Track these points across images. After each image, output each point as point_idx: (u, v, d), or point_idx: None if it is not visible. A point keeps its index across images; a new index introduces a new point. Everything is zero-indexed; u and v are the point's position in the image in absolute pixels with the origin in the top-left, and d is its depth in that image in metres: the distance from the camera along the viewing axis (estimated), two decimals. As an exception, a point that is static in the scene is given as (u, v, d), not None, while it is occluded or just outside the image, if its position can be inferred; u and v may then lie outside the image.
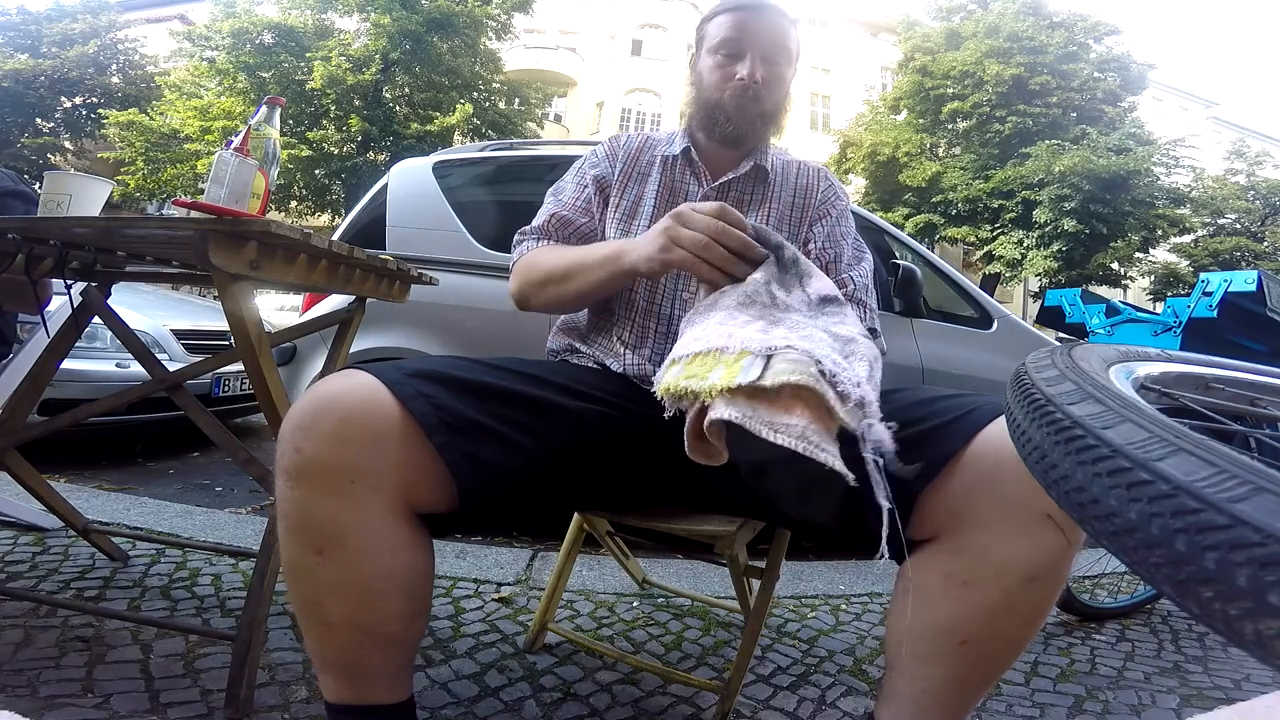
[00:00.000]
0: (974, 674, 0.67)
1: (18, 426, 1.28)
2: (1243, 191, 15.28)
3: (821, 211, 1.05)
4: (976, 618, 0.63)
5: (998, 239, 13.34)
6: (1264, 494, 0.22)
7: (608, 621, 1.43)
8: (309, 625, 0.68)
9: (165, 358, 2.99)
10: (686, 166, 1.04)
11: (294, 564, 0.66)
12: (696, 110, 1.03)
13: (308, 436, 0.62)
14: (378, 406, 0.64)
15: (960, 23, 14.73)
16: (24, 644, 1.08)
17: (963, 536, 0.64)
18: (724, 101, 0.98)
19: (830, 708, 1.16)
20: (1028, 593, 0.62)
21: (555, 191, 1.07)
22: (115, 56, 13.32)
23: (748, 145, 1.02)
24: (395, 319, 2.32)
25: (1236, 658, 1.49)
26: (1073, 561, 0.63)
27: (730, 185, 1.03)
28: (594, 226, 1.02)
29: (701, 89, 1.02)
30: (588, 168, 1.06)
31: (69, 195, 1.08)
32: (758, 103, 0.98)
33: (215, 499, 2.52)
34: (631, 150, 1.07)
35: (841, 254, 1.02)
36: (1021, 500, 0.61)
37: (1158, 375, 0.54)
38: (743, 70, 0.96)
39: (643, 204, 1.02)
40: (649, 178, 1.04)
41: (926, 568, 0.66)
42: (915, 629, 0.66)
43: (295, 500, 0.63)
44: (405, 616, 0.70)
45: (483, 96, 13.05)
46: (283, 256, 0.94)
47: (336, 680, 0.69)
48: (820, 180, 1.08)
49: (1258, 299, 1.66)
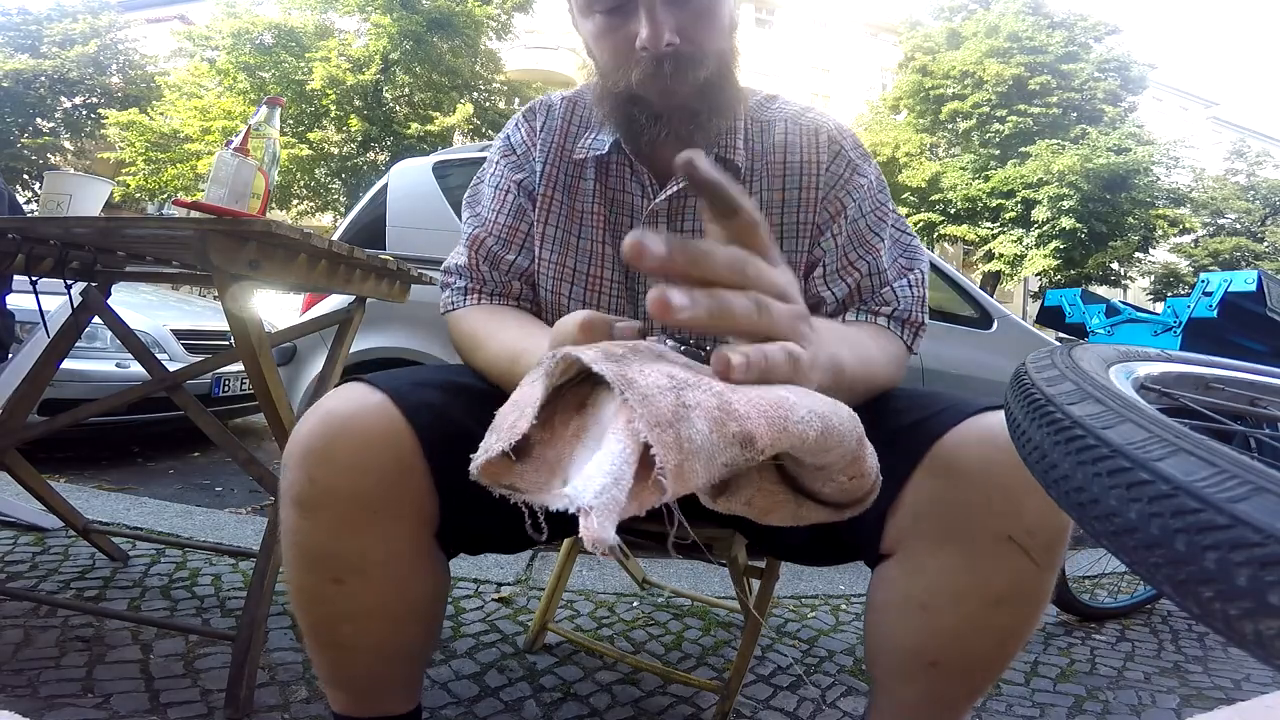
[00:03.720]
0: (952, 691, 0.62)
1: (18, 426, 1.28)
2: (1243, 191, 15.30)
3: (834, 207, 0.74)
4: (941, 640, 0.58)
5: (997, 237, 13.35)
6: (1264, 494, 0.22)
7: (608, 621, 1.43)
8: (320, 647, 0.64)
9: (165, 358, 2.99)
10: (624, 166, 0.75)
11: (308, 591, 0.61)
12: (605, 106, 0.72)
13: (321, 465, 0.56)
14: (395, 431, 0.57)
15: (960, 23, 14.74)
16: (24, 644, 1.08)
17: (918, 556, 0.58)
18: (634, 89, 0.67)
19: (830, 708, 1.16)
20: (995, 615, 0.56)
21: (471, 201, 0.82)
22: (115, 56, 13.33)
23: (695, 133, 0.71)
24: (395, 319, 2.32)
25: (1236, 658, 1.49)
26: (1051, 582, 0.57)
27: (685, 198, 0.73)
28: (530, 258, 0.78)
29: (600, 70, 0.71)
30: (504, 168, 0.80)
31: (69, 195, 1.08)
32: (684, 73, 0.65)
33: (215, 499, 2.52)
34: (554, 135, 0.79)
35: (879, 263, 0.73)
36: (979, 521, 0.54)
37: (1158, 375, 0.54)
38: (642, 31, 0.63)
39: (579, 229, 0.77)
40: (581, 182, 0.77)
41: (886, 585, 0.60)
42: (884, 647, 0.62)
43: (309, 531, 0.58)
44: (421, 639, 0.68)
45: (483, 96, 13.07)
46: (283, 256, 0.94)
47: (347, 695, 0.66)
48: (825, 150, 0.75)
49: (1258, 299, 1.66)
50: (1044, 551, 0.54)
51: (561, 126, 0.79)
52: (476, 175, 0.84)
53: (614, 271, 0.77)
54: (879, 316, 0.73)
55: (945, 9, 15.33)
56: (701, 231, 0.71)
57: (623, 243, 0.39)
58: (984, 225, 13.65)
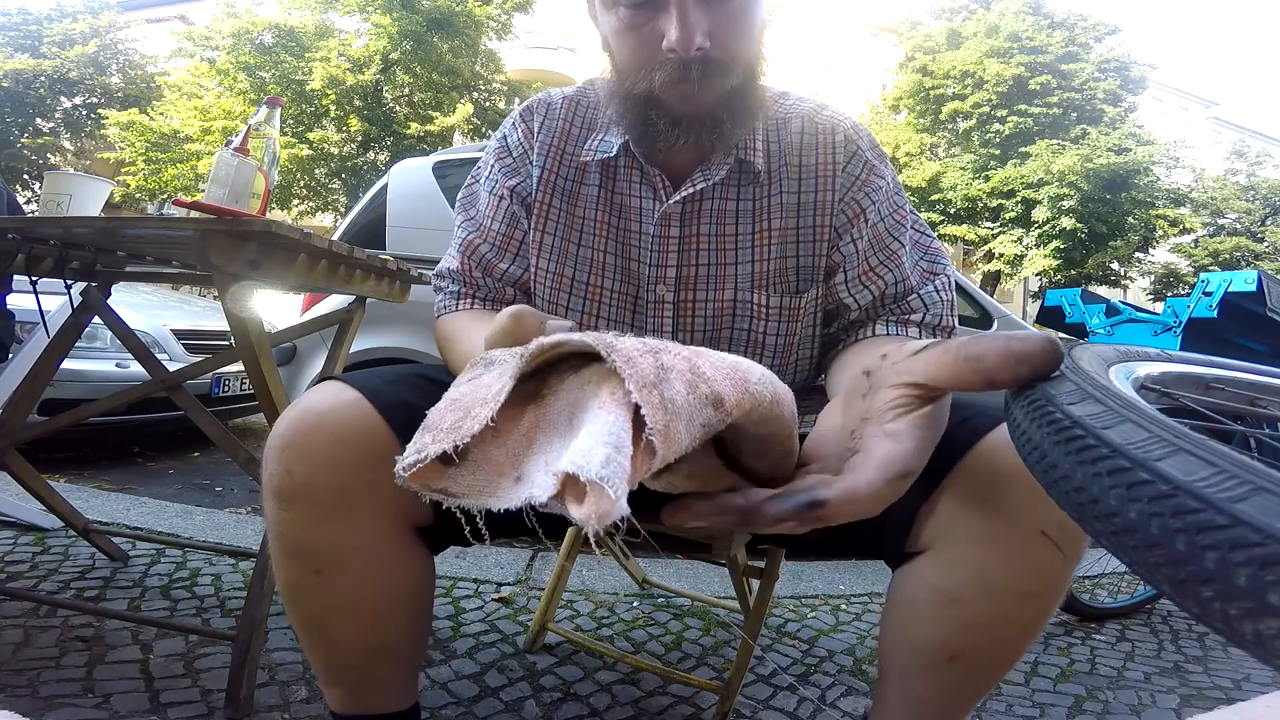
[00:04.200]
0: (967, 684, 0.63)
1: (18, 426, 1.28)
2: (1243, 191, 15.30)
3: (852, 209, 0.73)
4: (968, 633, 0.59)
5: (997, 237, 13.36)
6: (1264, 494, 0.22)
7: (608, 621, 1.43)
8: (312, 644, 0.65)
9: (165, 358, 2.99)
10: (633, 170, 0.73)
11: (292, 584, 0.62)
12: (618, 106, 0.69)
13: (299, 458, 0.57)
14: (369, 426, 0.59)
15: (961, 23, 14.75)
16: (24, 644, 1.08)
17: (953, 552, 0.59)
18: (655, 92, 0.64)
19: (830, 708, 1.16)
20: (1023, 608, 0.58)
21: (466, 203, 0.80)
22: (115, 56, 13.33)
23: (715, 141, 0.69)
24: (395, 319, 2.32)
25: (1236, 658, 1.49)
26: (1071, 575, 0.59)
27: (700, 199, 0.71)
28: (523, 267, 0.77)
29: (617, 68, 0.68)
30: (499, 172, 0.77)
31: (69, 195, 1.09)
32: (712, 80, 0.62)
33: (215, 499, 2.52)
34: (554, 137, 0.75)
35: (901, 271, 0.72)
36: (1017, 517, 0.56)
37: (1158, 375, 0.54)
38: (670, 32, 0.60)
39: (579, 236, 0.74)
40: (583, 187, 0.74)
41: (914, 582, 0.62)
42: (904, 641, 0.63)
43: (289, 523, 0.59)
44: (411, 633, 0.68)
45: (483, 96, 13.07)
46: (283, 256, 0.94)
47: (343, 693, 0.68)
48: (842, 149, 0.73)
49: (1258, 299, 1.66)
50: (1072, 544, 0.55)
51: (562, 128, 0.76)
52: (471, 174, 0.82)
53: (615, 281, 0.75)
54: (909, 326, 0.72)
55: (945, 9, 15.34)
56: (715, 234, 0.73)
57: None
58: (984, 225, 13.66)
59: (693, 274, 0.73)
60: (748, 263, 0.73)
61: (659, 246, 0.73)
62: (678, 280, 0.73)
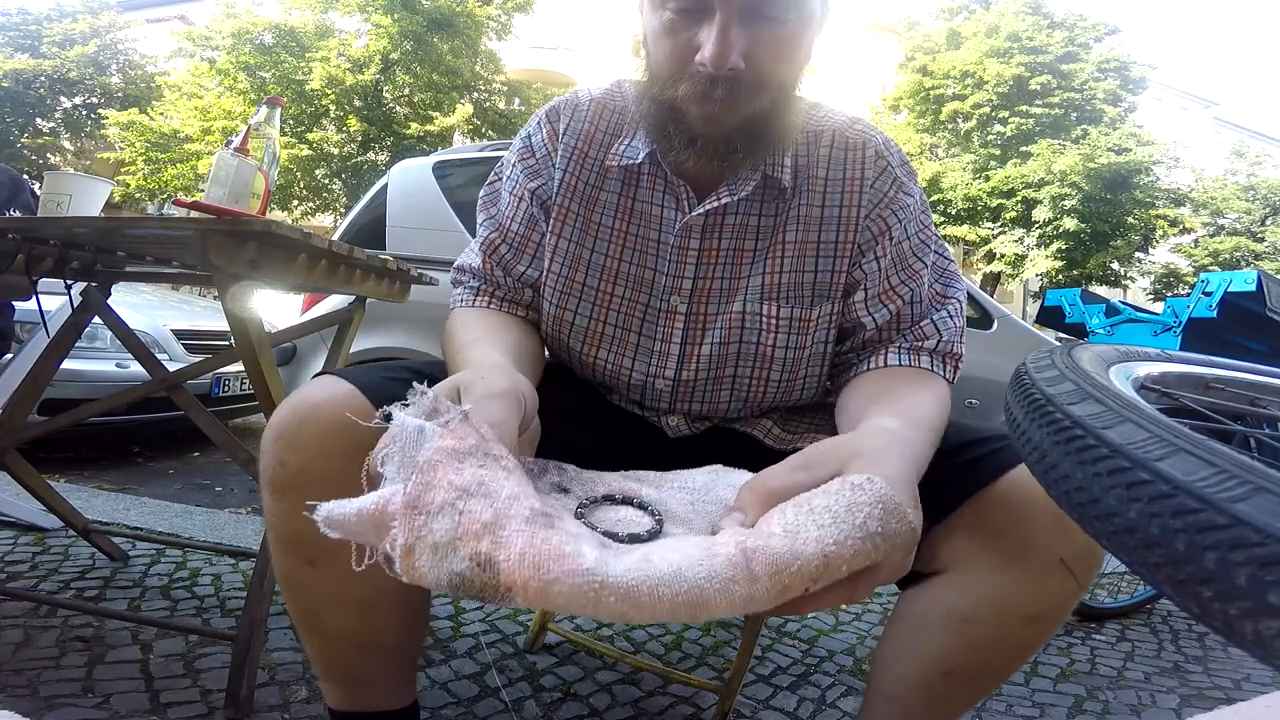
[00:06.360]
0: (954, 697, 0.65)
1: (18, 426, 1.28)
2: (1243, 191, 15.28)
3: (877, 226, 0.70)
4: (968, 651, 0.61)
5: (998, 237, 13.35)
6: (1264, 494, 0.22)
7: (607, 621, 1.43)
8: (307, 636, 0.68)
9: (165, 358, 2.99)
10: (657, 179, 0.71)
11: (287, 575, 0.64)
12: (644, 107, 0.67)
13: (292, 449, 0.59)
14: (363, 417, 0.58)
15: (960, 23, 14.74)
16: (24, 644, 1.08)
17: (972, 575, 0.61)
18: (678, 102, 0.62)
19: (830, 708, 1.16)
20: (1025, 631, 0.61)
21: (488, 201, 0.81)
22: (115, 56, 13.33)
23: (726, 169, 0.67)
24: (395, 319, 2.32)
25: (1236, 658, 1.49)
26: (1076, 602, 0.61)
27: (724, 214, 0.70)
28: (539, 270, 0.77)
29: (650, 69, 0.66)
30: (521, 173, 0.77)
31: (69, 195, 1.08)
32: (736, 103, 0.60)
33: (215, 499, 2.52)
34: (578, 140, 0.74)
35: (920, 291, 0.71)
36: (1039, 547, 0.57)
37: (1158, 375, 0.55)
38: (707, 47, 0.57)
39: (592, 242, 0.73)
40: (601, 193, 0.73)
41: (927, 601, 0.63)
42: (906, 657, 0.65)
43: (283, 513, 0.61)
44: (402, 629, 0.69)
45: (483, 96, 13.05)
46: (282, 256, 0.94)
47: (339, 688, 0.69)
48: (871, 165, 0.70)
49: (1257, 299, 1.66)
50: (1086, 573, 0.58)
51: (587, 130, 0.74)
52: (494, 172, 0.81)
53: (627, 289, 0.74)
54: (921, 354, 0.71)
55: (945, 9, 15.32)
56: (734, 248, 0.73)
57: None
58: (984, 225, 13.65)
59: (708, 286, 0.72)
60: (759, 275, 0.71)
61: (678, 257, 0.72)
62: (693, 292, 0.72)
